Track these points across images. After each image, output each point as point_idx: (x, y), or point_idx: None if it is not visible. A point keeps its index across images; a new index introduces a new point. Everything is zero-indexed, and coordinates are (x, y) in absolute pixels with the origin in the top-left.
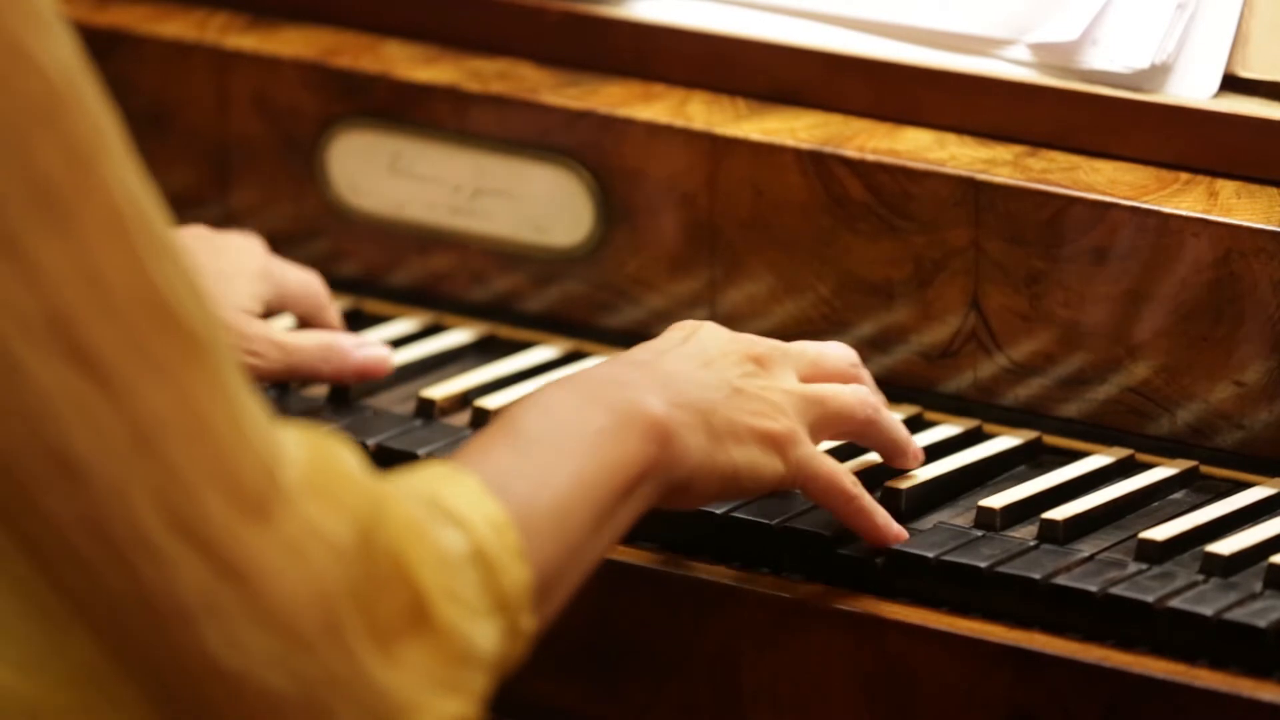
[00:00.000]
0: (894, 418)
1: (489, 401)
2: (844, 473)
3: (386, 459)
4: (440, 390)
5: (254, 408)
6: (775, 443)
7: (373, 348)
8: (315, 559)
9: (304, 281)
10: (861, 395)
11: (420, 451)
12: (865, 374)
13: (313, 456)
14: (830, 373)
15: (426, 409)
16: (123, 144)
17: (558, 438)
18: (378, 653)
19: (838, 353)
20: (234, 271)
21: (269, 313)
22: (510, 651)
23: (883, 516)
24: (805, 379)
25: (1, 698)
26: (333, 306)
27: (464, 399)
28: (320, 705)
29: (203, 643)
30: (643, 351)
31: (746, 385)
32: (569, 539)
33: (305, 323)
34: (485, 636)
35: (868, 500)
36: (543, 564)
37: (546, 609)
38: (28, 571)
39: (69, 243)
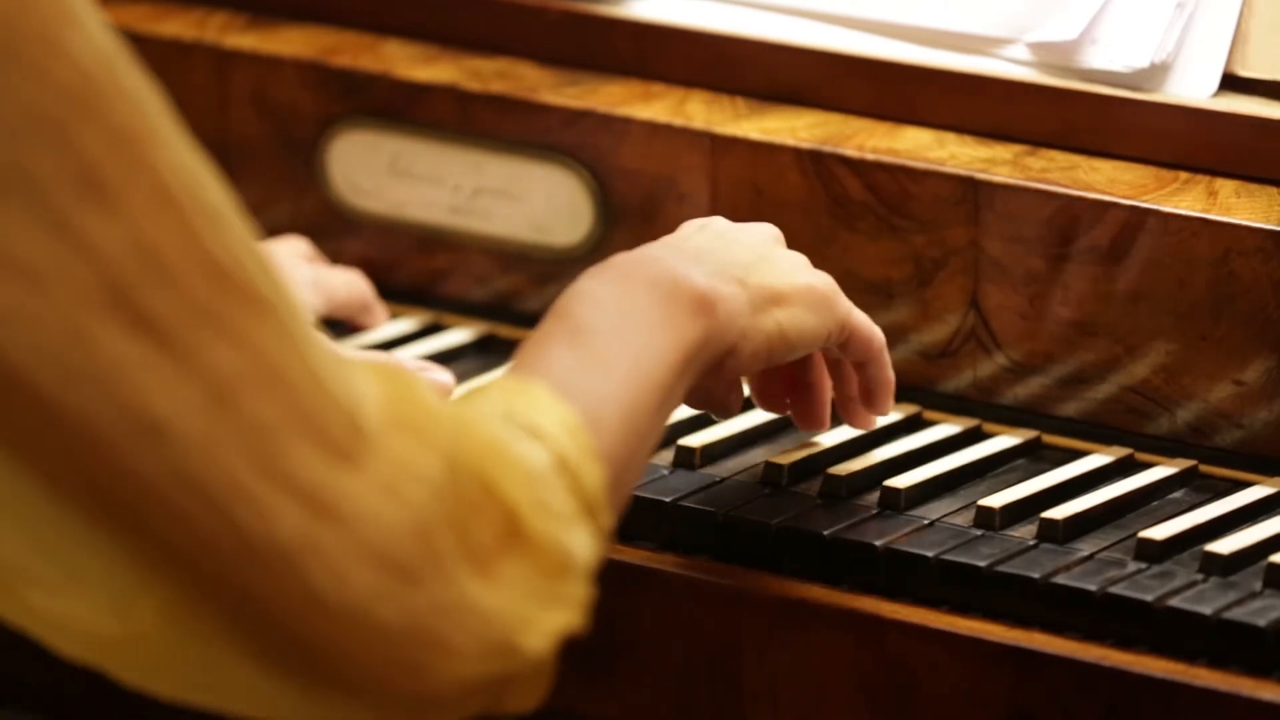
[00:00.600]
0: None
1: None
2: (877, 328)
3: None
4: None
5: (327, 355)
6: (820, 297)
7: (435, 371)
8: (408, 494)
9: (349, 284)
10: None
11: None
12: None
13: (389, 392)
14: None
15: None
16: (168, 120)
17: (612, 325)
18: (479, 576)
19: None
20: None
21: (320, 319)
22: (599, 553)
23: (890, 388)
24: None
25: (98, 637)
26: (378, 306)
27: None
28: (431, 634)
29: (310, 582)
30: (667, 239)
31: (773, 251)
32: (636, 427)
33: (348, 323)
34: (579, 543)
35: (889, 371)
36: (614, 458)
37: (618, 501)
38: (112, 532)
39: (119, 220)
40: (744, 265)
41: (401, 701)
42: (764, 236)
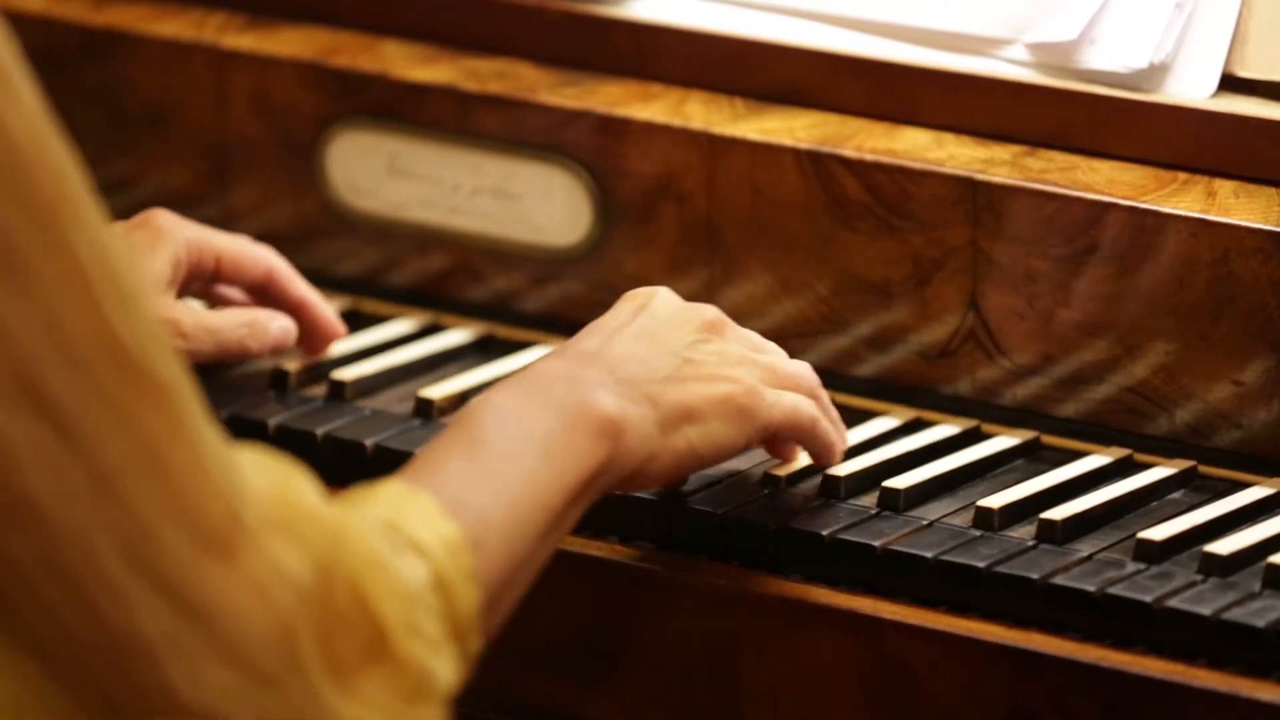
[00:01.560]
0: (830, 405)
1: None
2: (802, 401)
3: (385, 459)
4: (438, 390)
5: (216, 446)
6: (734, 404)
7: (284, 319)
8: (277, 597)
9: (239, 244)
10: (807, 370)
11: (418, 452)
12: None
13: (274, 490)
14: (770, 352)
15: (425, 409)
16: (85, 193)
17: (512, 444)
18: (338, 688)
19: (772, 345)
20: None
21: (208, 280)
22: (461, 678)
23: (839, 439)
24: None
25: None
26: (295, 278)
27: (462, 399)
28: None
29: (167, 680)
30: (593, 337)
31: (698, 353)
32: (520, 552)
33: (267, 295)
34: (445, 668)
35: (825, 424)
36: (492, 582)
37: (491, 624)
38: None
39: (31, 300)
40: (662, 377)
41: None
42: (699, 328)
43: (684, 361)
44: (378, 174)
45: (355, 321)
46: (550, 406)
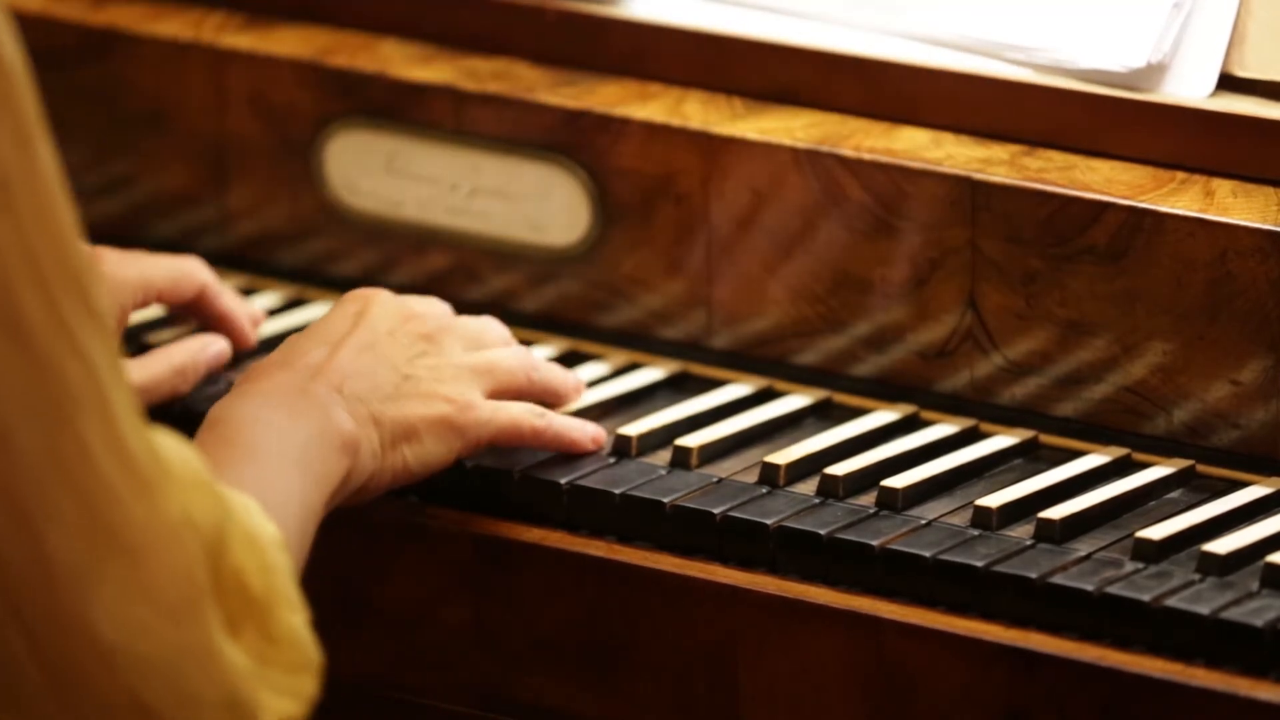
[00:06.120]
0: (552, 367)
1: None
2: (522, 414)
3: None
4: None
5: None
6: (449, 424)
7: (215, 343)
8: (188, 543)
9: (173, 272)
10: (521, 355)
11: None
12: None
13: (175, 447)
14: (491, 345)
15: None
16: (45, 124)
17: (282, 454)
18: (230, 641)
19: (496, 328)
20: None
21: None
22: None
23: (578, 430)
24: (469, 351)
25: None
26: (225, 291)
27: None
28: (181, 673)
29: (89, 613)
30: (316, 347)
31: (416, 369)
32: (301, 555)
33: (191, 309)
34: (314, 644)
35: (557, 424)
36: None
37: None
38: None
39: (11, 218)
40: (384, 396)
41: None
42: (417, 339)
43: (403, 379)
44: (376, 174)
45: None
46: (300, 419)
